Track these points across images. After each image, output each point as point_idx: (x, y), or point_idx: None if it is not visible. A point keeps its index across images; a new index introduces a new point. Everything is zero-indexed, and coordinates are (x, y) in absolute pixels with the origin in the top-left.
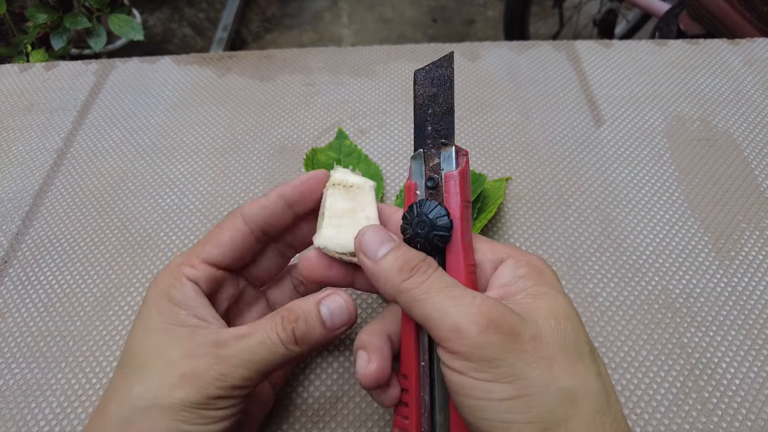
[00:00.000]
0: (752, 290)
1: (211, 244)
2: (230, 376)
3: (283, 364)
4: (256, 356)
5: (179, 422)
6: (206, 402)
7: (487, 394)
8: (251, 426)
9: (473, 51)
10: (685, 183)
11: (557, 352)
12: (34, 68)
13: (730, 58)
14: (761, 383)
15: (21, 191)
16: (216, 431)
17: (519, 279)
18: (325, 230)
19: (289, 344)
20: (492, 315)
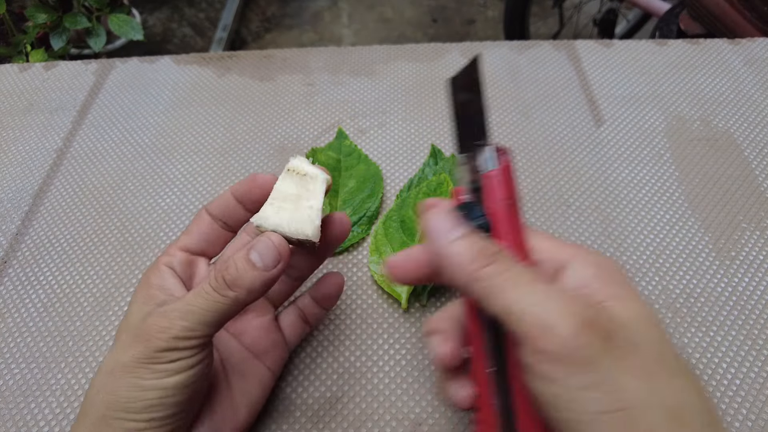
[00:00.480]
0: (752, 290)
1: (184, 235)
2: (171, 328)
3: (227, 312)
4: (194, 306)
5: (136, 378)
6: (154, 355)
7: (581, 406)
8: (249, 409)
9: (473, 51)
10: (685, 183)
11: (655, 362)
12: (34, 68)
13: (730, 58)
14: (761, 383)
15: (20, 191)
16: (174, 384)
17: (592, 280)
18: (265, 209)
19: (222, 290)
20: (587, 313)
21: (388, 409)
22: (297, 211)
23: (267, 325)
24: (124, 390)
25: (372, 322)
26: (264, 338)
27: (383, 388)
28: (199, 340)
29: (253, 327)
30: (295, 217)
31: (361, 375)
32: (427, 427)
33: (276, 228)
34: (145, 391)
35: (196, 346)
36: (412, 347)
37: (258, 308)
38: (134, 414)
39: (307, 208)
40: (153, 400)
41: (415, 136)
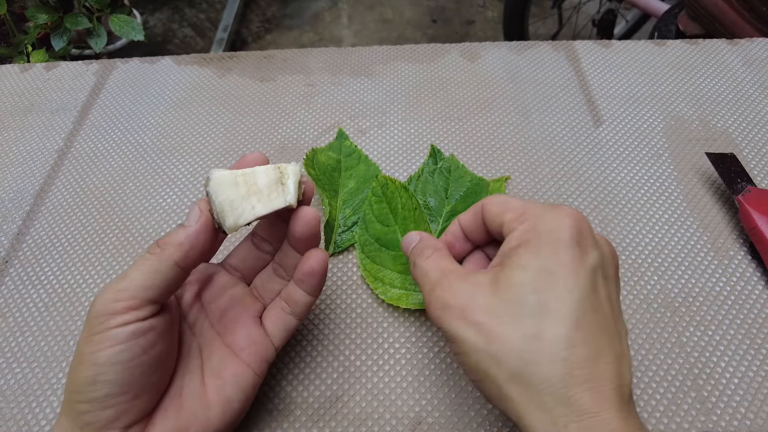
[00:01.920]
0: (751, 289)
1: None
2: (106, 292)
3: (162, 271)
4: (129, 270)
5: (79, 355)
6: (91, 324)
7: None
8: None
9: (473, 51)
10: (684, 183)
11: (484, 318)
12: (35, 68)
13: (729, 58)
14: (760, 382)
15: (22, 191)
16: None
17: (510, 251)
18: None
19: (152, 249)
20: (437, 293)
21: (388, 407)
22: (243, 200)
23: (248, 319)
24: (72, 369)
25: (372, 321)
26: (243, 333)
27: (383, 387)
28: (131, 302)
29: (235, 322)
30: (235, 203)
31: (361, 374)
32: (427, 425)
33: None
34: (81, 365)
35: (129, 309)
36: (412, 346)
37: (244, 303)
38: (76, 393)
39: (251, 206)
40: (88, 377)
41: (414, 136)
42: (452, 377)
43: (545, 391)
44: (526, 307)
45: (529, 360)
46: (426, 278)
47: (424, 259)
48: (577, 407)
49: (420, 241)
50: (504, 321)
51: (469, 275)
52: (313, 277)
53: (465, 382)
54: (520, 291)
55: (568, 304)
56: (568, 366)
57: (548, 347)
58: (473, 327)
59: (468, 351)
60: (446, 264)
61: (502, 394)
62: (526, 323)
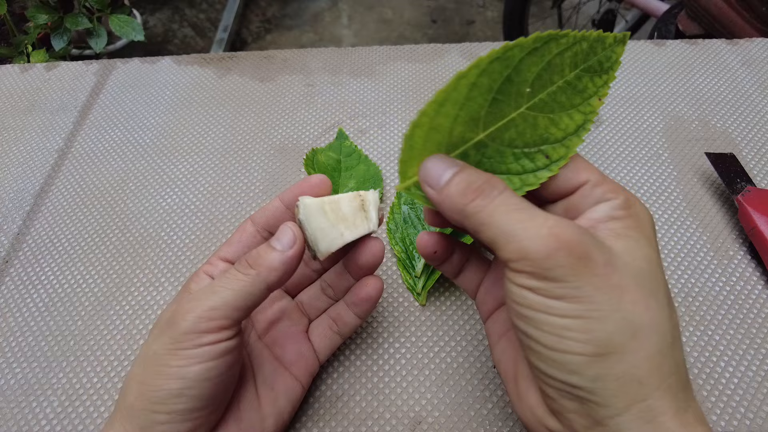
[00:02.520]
0: (751, 289)
1: (226, 245)
2: (196, 308)
3: (252, 293)
4: (218, 286)
5: (162, 366)
6: (179, 338)
7: (547, 308)
8: (276, 420)
9: (473, 51)
10: (683, 183)
11: (630, 283)
12: (35, 69)
13: (728, 58)
14: (759, 382)
15: (22, 191)
16: (197, 374)
17: (612, 219)
18: (313, 203)
19: (244, 269)
20: (565, 237)
21: (388, 407)
22: (332, 227)
23: (298, 335)
24: (151, 378)
25: (372, 321)
26: (293, 348)
27: (383, 386)
28: (223, 322)
29: (284, 336)
30: (325, 230)
31: (361, 374)
32: (427, 425)
33: (304, 222)
34: (169, 379)
35: (221, 328)
36: (412, 346)
37: (293, 318)
38: (157, 404)
39: (339, 233)
40: (175, 390)
41: None
42: (452, 377)
43: (677, 373)
44: (661, 285)
45: (670, 339)
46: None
47: (501, 189)
48: (690, 393)
49: (460, 171)
50: (649, 292)
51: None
52: (368, 303)
53: (465, 382)
54: (654, 265)
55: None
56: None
57: (677, 331)
58: (618, 290)
59: (601, 317)
60: (530, 205)
61: (631, 374)
62: (664, 301)
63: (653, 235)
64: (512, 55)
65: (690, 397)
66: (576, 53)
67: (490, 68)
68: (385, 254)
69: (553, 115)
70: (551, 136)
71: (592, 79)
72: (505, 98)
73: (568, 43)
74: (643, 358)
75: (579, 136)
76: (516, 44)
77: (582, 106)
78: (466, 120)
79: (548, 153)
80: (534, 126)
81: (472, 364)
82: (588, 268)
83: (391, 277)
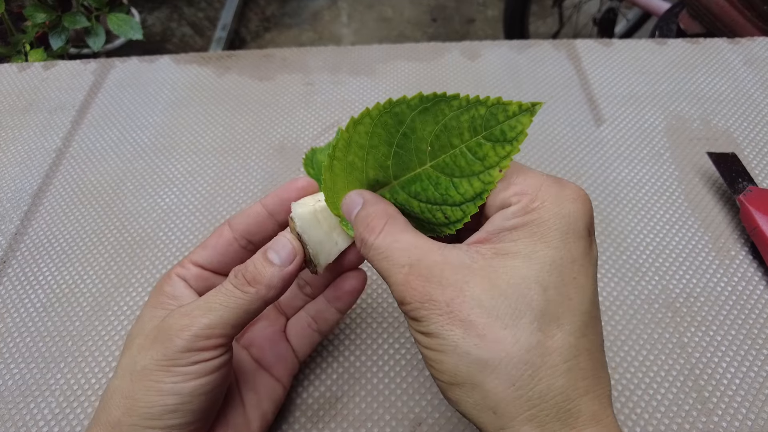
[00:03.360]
0: (752, 290)
1: (200, 248)
2: (192, 325)
3: (249, 310)
4: (215, 303)
5: (155, 382)
6: (175, 356)
7: (417, 339)
8: (261, 423)
9: (473, 50)
10: (685, 182)
11: (479, 316)
12: (33, 68)
13: (730, 57)
14: (761, 383)
15: (20, 191)
16: (193, 389)
17: (503, 231)
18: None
19: (242, 286)
20: (411, 283)
21: (388, 409)
22: (327, 237)
23: (275, 335)
24: (141, 394)
25: (372, 321)
26: (272, 350)
27: (383, 388)
28: (220, 340)
29: (262, 338)
30: (323, 242)
31: (361, 375)
32: (427, 426)
33: (303, 236)
34: (164, 395)
35: (217, 346)
36: (412, 346)
37: (269, 317)
38: (150, 420)
39: (334, 242)
40: (170, 405)
41: None
42: None
43: (541, 405)
44: (530, 309)
45: (527, 372)
46: (390, 263)
47: (376, 234)
48: (573, 420)
49: (363, 207)
50: (503, 323)
51: (449, 255)
52: (352, 296)
53: None
54: (523, 288)
55: (577, 307)
56: (572, 378)
57: (552, 358)
58: (462, 326)
59: (448, 351)
60: (409, 237)
61: (484, 404)
62: (530, 328)
63: (557, 241)
64: (401, 112)
65: (574, 425)
66: (474, 117)
67: (381, 120)
68: None
69: (454, 178)
70: (450, 198)
71: (494, 148)
72: (406, 153)
73: (460, 105)
74: (493, 390)
75: (475, 204)
76: (400, 101)
77: (482, 175)
78: (375, 166)
79: (447, 213)
80: (437, 185)
81: None
82: (431, 309)
83: None
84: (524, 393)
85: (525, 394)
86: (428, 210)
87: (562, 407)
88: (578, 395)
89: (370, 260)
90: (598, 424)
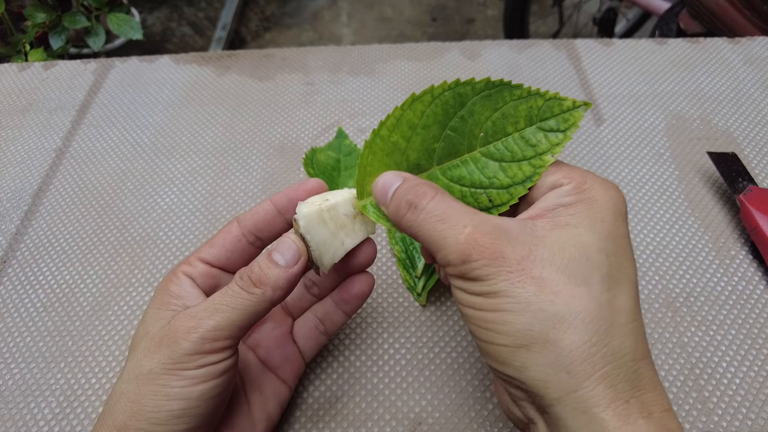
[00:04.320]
0: (752, 289)
1: (207, 245)
2: (199, 328)
3: (255, 311)
4: (221, 305)
5: (161, 386)
6: (181, 359)
7: (473, 304)
8: (267, 424)
9: (473, 50)
10: (685, 182)
11: (552, 274)
12: (33, 67)
13: (730, 57)
14: (761, 383)
15: (20, 191)
16: (200, 393)
17: (559, 207)
18: (311, 211)
19: (248, 287)
20: (479, 241)
21: (388, 408)
22: (333, 237)
23: (282, 337)
24: (148, 398)
25: (372, 321)
26: (279, 351)
27: (383, 387)
28: (227, 342)
29: (269, 339)
30: (327, 242)
31: (361, 374)
32: (427, 426)
33: (306, 236)
34: (171, 400)
35: (224, 348)
36: (412, 346)
37: (276, 318)
38: (157, 425)
39: (340, 242)
40: (177, 410)
41: None
42: (452, 377)
43: (614, 362)
44: (598, 271)
45: (602, 327)
46: (448, 224)
47: (429, 199)
48: (639, 382)
49: (406, 182)
50: (576, 281)
51: (510, 223)
52: (360, 300)
53: (465, 383)
54: (590, 251)
55: (630, 276)
56: (637, 339)
57: (621, 317)
58: (535, 283)
59: (518, 309)
60: (464, 206)
61: (557, 363)
62: (600, 287)
63: (610, 217)
64: (465, 93)
65: (639, 386)
66: (531, 107)
67: (443, 99)
68: (385, 254)
69: (503, 163)
70: (498, 182)
71: (547, 137)
72: (458, 136)
73: (522, 95)
74: (569, 347)
75: (524, 186)
76: (467, 82)
77: (534, 160)
78: (420, 148)
79: (492, 197)
80: (484, 169)
81: (472, 364)
82: (502, 266)
83: (391, 277)
84: (599, 349)
85: (600, 350)
86: (471, 194)
87: (630, 367)
88: (641, 356)
89: (415, 227)
90: (655, 389)
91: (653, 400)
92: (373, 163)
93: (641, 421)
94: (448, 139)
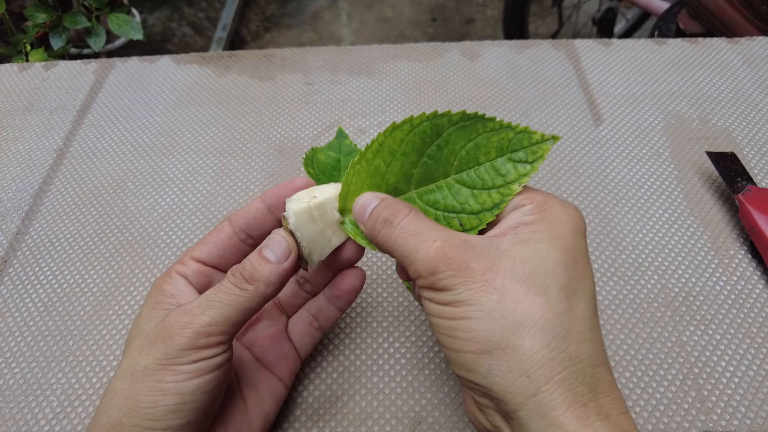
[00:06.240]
0: (751, 288)
1: (200, 244)
2: (193, 323)
3: (248, 307)
4: (214, 301)
5: (156, 381)
6: (176, 354)
7: (440, 314)
8: (263, 422)
9: (473, 50)
10: (684, 182)
11: (513, 284)
12: (34, 68)
13: (729, 57)
14: (760, 381)
15: (21, 191)
16: (195, 387)
17: (522, 225)
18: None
19: (241, 284)
20: (446, 254)
21: (388, 407)
22: (321, 234)
23: (277, 334)
24: (143, 394)
25: (372, 320)
26: (274, 349)
27: (383, 386)
28: (221, 337)
29: (264, 337)
30: (316, 238)
31: (361, 373)
32: (427, 425)
33: (296, 233)
34: (166, 395)
35: (218, 344)
36: (412, 346)
37: (271, 317)
38: (152, 420)
39: (327, 239)
40: (172, 405)
41: None
42: (452, 377)
43: (572, 367)
44: (556, 282)
45: (560, 333)
46: (420, 239)
47: (403, 216)
48: (596, 386)
49: (383, 201)
50: (536, 291)
51: (476, 239)
52: (352, 295)
53: None
54: (549, 264)
55: (588, 288)
56: (594, 345)
57: (579, 325)
58: (497, 292)
59: (482, 317)
60: (436, 224)
61: (518, 368)
62: (559, 296)
63: (569, 234)
64: (441, 124)
65: (597, 390)
66: (502, 139)
67: (421, 129)
68: (385, 254)
69: (475, 190)
70: (468, 207)
71: (516, 167)
72: (434, 163)
73: (494, 127)
74: (528, 352)
75: (492, 213)
76: (444, 114)
77: (502, 188)
78: (399, 173)
79: (463, 221)
80: (456, 195)
81: None
82: (467, 276)
83: (391, 277)
84: (557, 354)
85: (558, 355)
86: (444, 218)
87: (588, 372)
88: (599, 362)
89: (390, 242)
90: (612, 393)
91: (610, 403)
92: (356, 183)
93: (598, 423)
94: (424, 165)
